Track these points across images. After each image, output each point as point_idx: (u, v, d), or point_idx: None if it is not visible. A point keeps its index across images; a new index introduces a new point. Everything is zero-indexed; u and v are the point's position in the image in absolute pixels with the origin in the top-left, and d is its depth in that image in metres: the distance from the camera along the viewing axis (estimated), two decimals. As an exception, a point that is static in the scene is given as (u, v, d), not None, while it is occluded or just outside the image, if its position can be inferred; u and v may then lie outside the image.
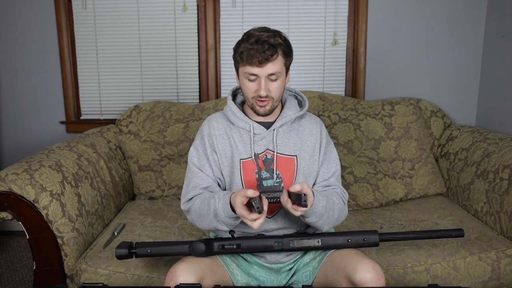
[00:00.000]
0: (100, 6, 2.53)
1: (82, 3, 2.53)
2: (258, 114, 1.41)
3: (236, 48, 1.38)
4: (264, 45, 1.32)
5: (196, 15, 2.54)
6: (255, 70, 1.34)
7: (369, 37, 2.51)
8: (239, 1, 2.50)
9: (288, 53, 1.38)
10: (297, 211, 1.26)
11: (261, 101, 1.37)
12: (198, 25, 2.54)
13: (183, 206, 1.46)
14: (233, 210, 1.29)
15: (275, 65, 1.34)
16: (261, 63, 1.32)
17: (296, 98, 1.56)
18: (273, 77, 1.35)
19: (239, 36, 1.41)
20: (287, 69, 1.41)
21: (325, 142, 1.50)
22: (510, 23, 2.26)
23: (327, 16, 2.52)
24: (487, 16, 2.45)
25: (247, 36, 1.36)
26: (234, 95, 1.55)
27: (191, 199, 1.44)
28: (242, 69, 1.37)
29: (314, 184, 1.49)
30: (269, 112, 1.41)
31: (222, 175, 1.48)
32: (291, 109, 1.48)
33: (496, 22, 2.38)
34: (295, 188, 1.24)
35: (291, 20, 2.52)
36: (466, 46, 2.51)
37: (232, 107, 1.47)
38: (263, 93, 1.35)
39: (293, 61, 1.44)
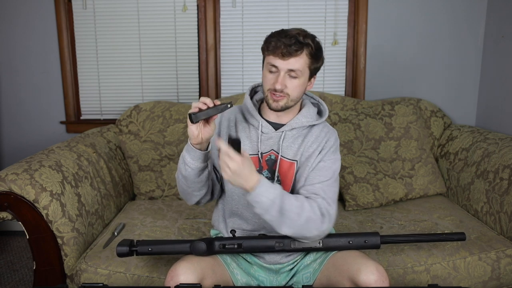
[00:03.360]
0: (100, 6, 2.53)
1: (82, 3, 2.52)
2: (270, 108, 1.39)
3: (267, 38, 1.37)
4: (292, 39, 1.31)
5: (196, 15, 2.54)
6: (277, 62, 1.33)
7: (369, 37, 2.51)
8: (239, 1, 2.50)
9: (315, 57, 1.36)
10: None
11: (275, 95, 1.36)
12: (198, 25, 2.54)
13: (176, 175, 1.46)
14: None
15: (297, 62, 1.33)
16: (284, 55, 1.32)
17: (318, 107, 1.52)
18: (293, 74, 1.34)
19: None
20: (312, 73, 1.40)
21: (327, 151, 1.41)
22: (510, 23, 2.26)
23: (327, 16, 2.52)
24: (487, 16, 2.45)
25: (281, 30, 1.36)
26: (255, 92, 1.54)
27: None
28: (266, 59, 1.37)
29: (300, 188, 1.42)
30: (281, 109, 1.38)
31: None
32: (306, 117, 1.44)
33: (496, 22, 2.38)
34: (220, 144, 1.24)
35: (291, 20, 2.52)
36: (466, 46, 2.51)
37: (246, 102, 1.47)
38: (278, 86, 1.34)
39: None
